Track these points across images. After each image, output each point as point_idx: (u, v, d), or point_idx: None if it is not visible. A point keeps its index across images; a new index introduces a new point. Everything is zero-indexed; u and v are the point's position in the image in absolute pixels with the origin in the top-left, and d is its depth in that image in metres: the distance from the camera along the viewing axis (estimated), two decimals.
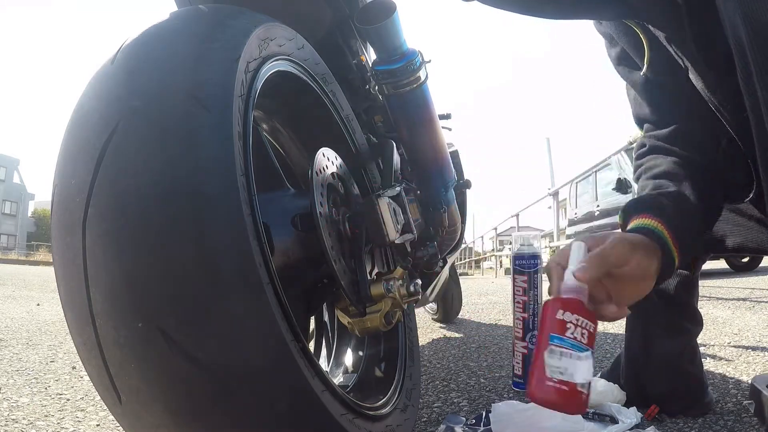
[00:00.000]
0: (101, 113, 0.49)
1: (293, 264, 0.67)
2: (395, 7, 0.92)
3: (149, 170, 0.46)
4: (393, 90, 0.99)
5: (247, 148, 0.53)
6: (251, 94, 0.58)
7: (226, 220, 0.46)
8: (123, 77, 0.51)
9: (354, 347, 0.97)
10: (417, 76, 0.99)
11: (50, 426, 1.01)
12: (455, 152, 1.62)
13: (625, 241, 0.62)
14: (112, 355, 0.46)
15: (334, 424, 0.53)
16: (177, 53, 0.52)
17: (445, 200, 1.27)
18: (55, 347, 1.88)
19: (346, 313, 0.75)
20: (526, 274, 0.74)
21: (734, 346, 1.70)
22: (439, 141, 1.17)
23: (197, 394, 0.46)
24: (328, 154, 0.78)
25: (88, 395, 1.24)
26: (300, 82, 0.78)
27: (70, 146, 0.50)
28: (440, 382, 1.35)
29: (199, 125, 0.48)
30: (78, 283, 0.46)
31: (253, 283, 0.46)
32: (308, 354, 0.52)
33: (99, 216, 0.45)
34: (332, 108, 0.89)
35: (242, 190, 0.48)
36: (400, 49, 0.96)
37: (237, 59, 0.55)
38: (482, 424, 0.91)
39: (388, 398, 0.78)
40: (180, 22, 0.58)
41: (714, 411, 1.01)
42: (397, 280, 0.77)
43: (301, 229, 0.69)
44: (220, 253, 0.45)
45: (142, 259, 0.44)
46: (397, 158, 1.07)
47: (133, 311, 0.44)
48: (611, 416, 0.93)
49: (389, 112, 1.06)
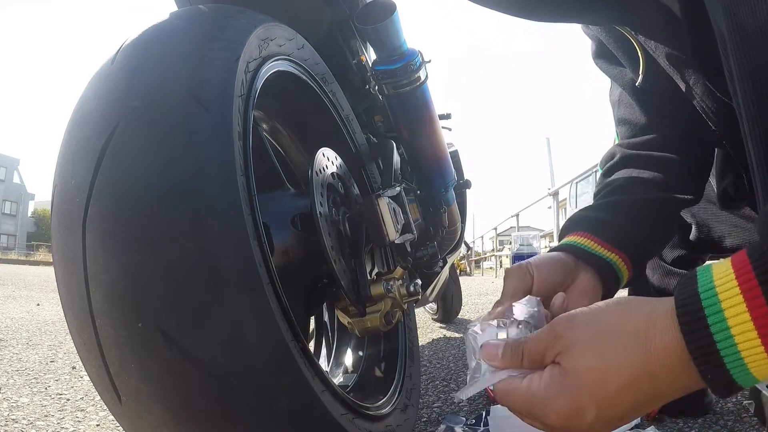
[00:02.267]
0: (101, 113, 0.49)
1: (293, 264, 0.67)
2: (395, 7, 0.92)
3: (149, 170, 0.46)
4: (393, 90, 0.99)
5: (247, 148, 0.53)
6: (251, 94, 0.58)
7: (226, 220, 0.46)
8: (123, 77, 0.51)
9: (354, 347, 0.97)
10: (417, 76, 0.99)
11: (50, 426, 1.01)
12: (455, 152, 1.62)
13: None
14: (112, 355, 0.46)
15: (334, 424, 0.53)
16: (177, 53, 0.52)
17: (445, 200, 1.27)
18: (55, 347, 1.88)
19: (346, 313, 0.75)
20: None
21: None
22: (439, 141, 1.17)
23: (197, 394, 0.46)
24: (328, 154, 0.78)
25: (88, 395, 1.24)
26: (300, 82, 0.78)
27: (70, 146, 0.50)
28: (440, 382, 1.35)
29: (199, 125, 0.48)
30: (78, 283, 0.46)
31: (253, 283, 0.46)
32: (308, 354, 0.52)
33: (99, 216, 0.45)
34: (332, 108, 0.89)
35: (242, 190, 0.48)
36: (400, 49, 0.96)
37: (237, 59, 0.55)
38: (482, 424, 0.91)
39: (388, 398, 0.78)
40: (180, 22, 0.58)
41: (714, 411, 1.01)
42: (397, 280, 0.77)
43: (301, 229, 0.69)
44: (220, 253, 0.45)
45: (142, 260, 0.44)
46: (397, 158, 1.07)
47: (133, 311, 0.44)
48: None
49: (389, 112, 1.06)
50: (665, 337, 0.35)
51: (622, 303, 0.40)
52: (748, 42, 0.41)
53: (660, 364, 0.35)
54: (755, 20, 0.40)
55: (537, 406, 0.39)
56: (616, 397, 0.36)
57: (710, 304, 0.34)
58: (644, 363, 0.35)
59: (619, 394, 0.36)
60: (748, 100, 0.41)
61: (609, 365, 0.36)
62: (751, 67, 0.40)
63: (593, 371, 0.36)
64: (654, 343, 0.35)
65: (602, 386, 0.36)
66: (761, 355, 0.32)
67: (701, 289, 0.34)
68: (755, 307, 0.32)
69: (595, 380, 0.36)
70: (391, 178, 0.97)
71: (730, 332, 0.32)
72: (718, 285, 0.34)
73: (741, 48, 0.41)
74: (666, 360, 0.35)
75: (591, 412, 0.37)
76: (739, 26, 0.41)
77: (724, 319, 0.33)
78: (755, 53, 0.40)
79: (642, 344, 0.36)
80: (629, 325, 0.37)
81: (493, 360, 0.43)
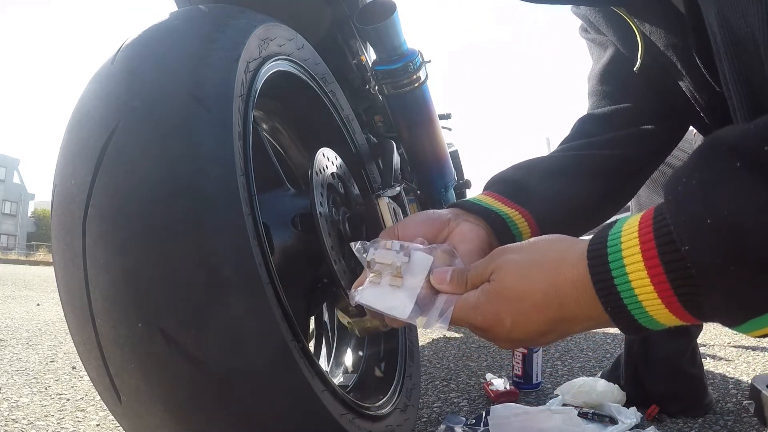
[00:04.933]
0: (101, 113, 0.49)
1: (293, 264, 0.67)
2: (395, 7, 0.92)
3: (149, 170, 0.46)
4: (393, 90, 0.99)
5: (247, 148, 0.53)
6: (251, 94, 0.58)
7: (226, 220, 0.46)
8: (123, 77, 0.51)
9: (354, 347, 0.97)
10: (417, 76, 0.99)
11: (50, 426, 1.01)
12: (455, 152, 1.63)
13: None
14: (112, 355, 0.46)
15: (334, 424, 0.53)
16: (177, 53, 0.52)
17: (445, 200, 1.27)
18: (55, 347, 1.88)
19: (346, 313, 0.75)
20: None
21: (734, 346, 1.71)
22: (439, 141, 1.17)
23: (197, 394, 0.46)
24: (328, 154, 0.78)
25: (88, 395, 1.24)
26: (300, 82, 0.78)
27: (70, 146, 0.50)
28: (440, 382, 1.35)
29: (199, 125, 0.48)
30: (78, 283, 0.46)
31: (253, 283, 0.46)
32: (308, 354, 0.52)
33: (99, 216, 0.45)
34: (332, 108, 0.89)
35: (242, 190, 0.48)
36: (400, 49, 0.96)
37: (237, 59, 0.55)
38: (482, 424, 0.91)
39: (388, 398, 0.78)
40: (180, 22, 0.58)
41: (714, 411, 1.01)
42: None
43: (301, 229, 0.69)
44: (220, 253, 0.45)
45: (142, 259, 0.44)
46: (397, 158, 1.07)
47: (133, 311, 0.44)
48: (611, 417, 0.93)
49: (389, 112, 1.06)
50: (573, 270, 0.41)
51: (548, 238, 0.47)
52: (739, 47, 0.41)
53: (568, 293, 0.41)
54: (746, 25, 0.40)
55: (469, 310, 0.46)
56: (528, 313, 0.43)
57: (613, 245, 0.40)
58: (554, 291, 0.42)
59: (532, 312, 0.43)
60: (742, 102, 0.42)
61: (524, 287, 0.43)
62: (742, 70, 0.42)
63: (512, 290, 0.44)
64: (563, 275, 0.42)
65: (518, 302, 0.43)
66: (652, 294, 0.37)
67: (611, 233, 0.40)
68: (647, 249, 0.37)
69: (513, 297, 0.44)
70: (391, 178, 0.97)
71: (625, 270, 0.38)
72: (624, 232, 0.40)
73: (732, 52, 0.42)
74: (574, 292, 0.41)
75: (507, 323, 0.44)
76: (730, 30, 0.42)
77: (621, 258, 0.39)
78: (746, 57, 0.41)
79: (554, 275, 0.42)
80: (548, 257, 0.44)
81: (441, 283, 0.49)
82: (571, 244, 0.44)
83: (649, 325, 0.40)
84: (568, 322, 0.43)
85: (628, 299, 0.38)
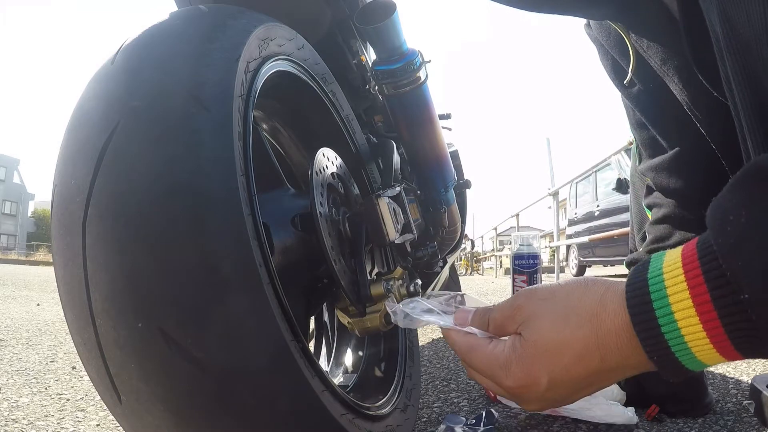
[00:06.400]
0: (101, 113, 0.49)
1: (293, 264, 0.67)
2: (395, 7, 0.92)
3: (149, 170, 0.46)
4: (393, 90, 0.99)
5: (247, 148, 0.53)
6: (251, 94, 0.58)
7: (226, 220, 0.46)
8: (123, 77, 0.51)
9: (354, 347, 0.97)
10: (417, 76, 0.99)
11: (50, 426, 1.01)
12: (455, 152, 1.62)
13: None
14: (112, 355, 0.46)
15: (334, 424, 0.53)
16: (177, 53, 0.52)
17: (445, 200, 1.27)
18: (55, 347, 1.88)
19: (346, 313, 0.75)
20: (525, 273, 0.74)
21: None
22: (439, 141, 1.17)
23: (197, 394, 0.45)
24: (328, 154, 0.78)
25: (88, 395, 1.24)
26: (300, 82, 0.78)
27: (70, 146, 0.50)
28: (440, 382, 1.35)
29: (199, 125, 0.48)
30: (78, 283, 0.46)
31: (253, 283, 0.46)
32: (308, 354, 0.52)
33: (99, 216, 0.45)
34: (332, 108, 0.89)
35: (242, 190, 0.48)
36: (400, 49, 0.96)
37: (237, 59, 0.55)
38: (482, 424, 0.91)
39: (388, 398, 0.78)
40: (180, 22, 0.58)
41: (714, 411, 1.01)
42: (397, 280, 0.77)
43: (301, 229, 0.69)
44: (219, 252, 0.45)
45: (142, 259, 0.44)
46: (397, 158, 1.07)
47: (133, 311, 0.44)
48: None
49: (389, 112, 1.06)
50: (615, 320, 0.38)
51: (580, 283, 0.42)
52: (743, 46, 0.41)
53: (610, 343, 0.38)
54: (750, 25, 0.40)
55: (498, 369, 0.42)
56: (568, 367, 0.39)
57: (657, 290, 0.36)
58: (595, 342, 0.38)
59: (572, 365, 0.39)
60: (746, 104, 0.42)
61: (563, 340, 0.39)
62: (747, 72, 0.41)
63: (549, 344, 0.40)
64: (605, 324, 0.38)
65: (556, 358, 0.39)
66: (704, 340, 0.34)
67: (650, 275, 0.37)
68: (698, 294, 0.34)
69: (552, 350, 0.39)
70: (391, 178, 0.97)
71: (674, 317, 0.35)
72: (666, 272, 0.36)
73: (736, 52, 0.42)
74: (617, 341, 0.38)
75: (544, 381, 0.40)
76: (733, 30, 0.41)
77: (669, 304, 0.35)
78: (750, 58, 0.41)
79: (594, 324, 0.38)
80: (584, 305, 0.40)
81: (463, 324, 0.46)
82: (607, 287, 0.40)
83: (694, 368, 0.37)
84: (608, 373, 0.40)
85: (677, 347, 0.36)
